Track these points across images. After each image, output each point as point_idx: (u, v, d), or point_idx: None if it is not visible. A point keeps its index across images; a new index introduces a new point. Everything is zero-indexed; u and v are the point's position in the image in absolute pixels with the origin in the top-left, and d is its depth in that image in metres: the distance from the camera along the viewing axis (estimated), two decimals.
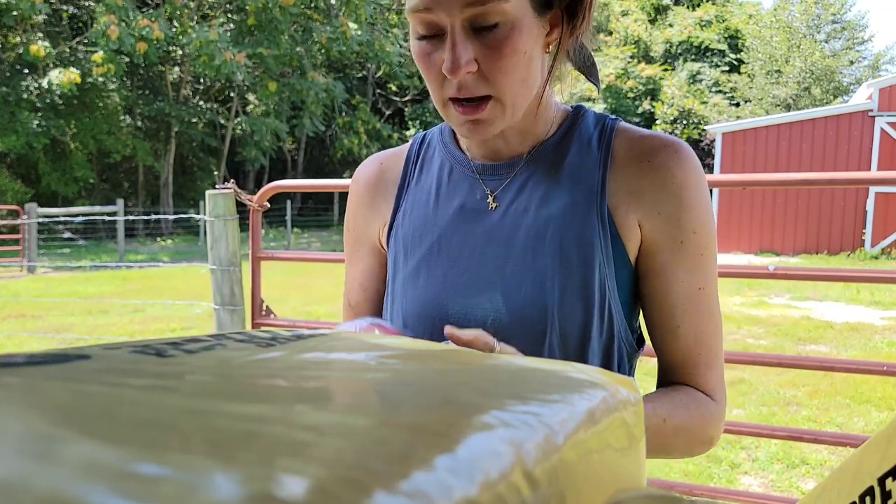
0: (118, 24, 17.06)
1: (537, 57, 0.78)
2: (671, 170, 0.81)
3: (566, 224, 0.81)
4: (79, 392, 0.24)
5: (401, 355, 0.37)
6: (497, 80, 0.75)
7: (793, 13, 27.60)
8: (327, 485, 0.19)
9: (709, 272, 0.83)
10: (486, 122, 0.78)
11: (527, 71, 0.76)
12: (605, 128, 0.86)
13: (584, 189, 0.82)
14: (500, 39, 0.73)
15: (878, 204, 14.27)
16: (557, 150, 0.85)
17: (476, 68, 0.74)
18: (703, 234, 0.82)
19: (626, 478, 0.33)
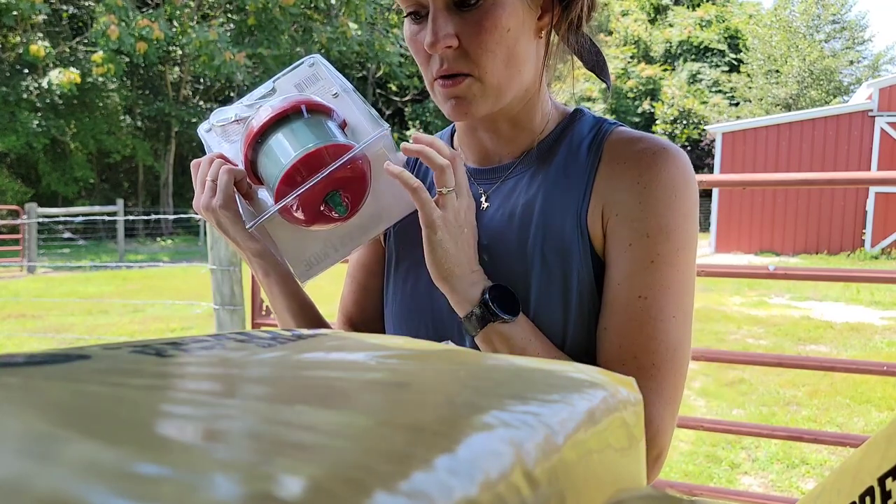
0: (118, 24, 17.06)
1: (525, 39, 0.76)
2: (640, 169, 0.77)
3: (547, 233, 0.80)
4: (79, 392, 0.24)
5: (401, 355, 0.37)
6: (478, 57, 0.74)
7: (793, 13, 27.61)
8: (327, 485, 0.19)
9: (657, 282, 0.75)
10: (467, 101, 0.77)
11: (511, 51, 0.75)
12: (599, 132, 0.83)
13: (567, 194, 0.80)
14: (482, 15, 0.73)
15: (878, 204, 14.28)
16: (548, 153, 0.84)
17: (457, 44, 0.74)
18: (658, 239, 0.76)
19: (626, 478, 0.33)
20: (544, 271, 0.79)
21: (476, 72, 0.75)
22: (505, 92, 0.77)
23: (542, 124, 0.85)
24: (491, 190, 0.85)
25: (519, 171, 0.84)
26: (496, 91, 0.77)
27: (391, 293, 0.91)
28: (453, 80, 0.76)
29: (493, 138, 0.85)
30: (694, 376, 5.10)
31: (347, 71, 26.74)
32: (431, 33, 0.73)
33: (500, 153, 0.86)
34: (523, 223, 0.81)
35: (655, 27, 31.81)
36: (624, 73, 27.25)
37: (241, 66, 18.66)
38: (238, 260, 2.77)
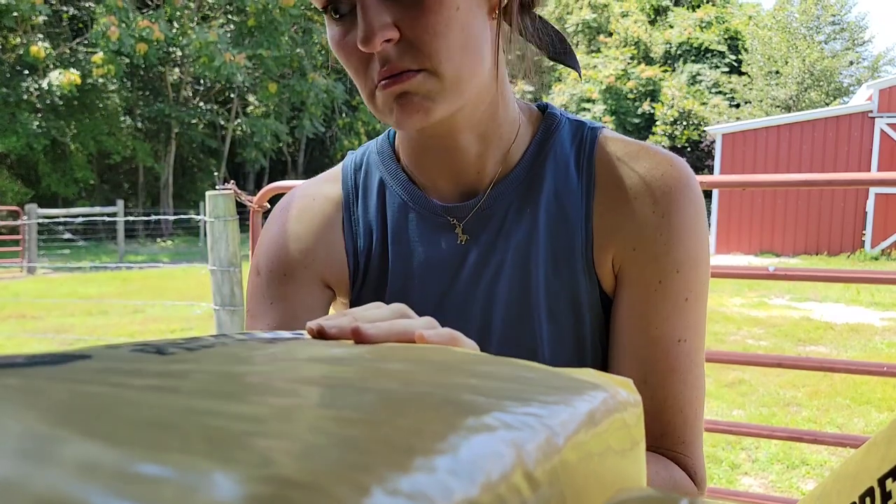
0: (118, 26, 17.08)
1: (478, 21, 0.62)
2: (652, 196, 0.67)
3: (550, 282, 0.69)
4: (79, 392, 0.24)
5: (402, 356, 0.37)
6: (427, 45, 0.59)
7: (793, 14, 27.62)
8: (327, 485, 0.19)
9: (692, 322, 0.67)
10: (422, 101, 0.61)
11: (466, 35, 0.61)
12: (583, 143, 0.71)
13: (565, 234, 0.69)
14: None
15: (878, 205, 14.28)
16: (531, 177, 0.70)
17: (398, 35, 0.59)
18: (689, 273, 0.67)
19: (627, 479, 0.33)
20: (553, 326, 0.69)
21: (429, 64, 0.60)
22: (466, 84, 0.63)
23: (511, 132, 0.71)
24: (465, 220, 0.71)
25: (499, 202, 0.70)
26: (456, 83, 0.62)
27: None
28: (398, 77, 0.60)
29: (457, 158, 0.70)
30: None
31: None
32: (364, 27, 0.58)
33: (468, 177, 0.71)
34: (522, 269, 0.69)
35: (655, 28, 31.82)
36: (624, 75, 27.25)
37: (241, 67, 18.67)
38: (238, 261, 2.77)
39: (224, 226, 2.68)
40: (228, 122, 23.66)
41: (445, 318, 0.68)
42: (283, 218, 0.78)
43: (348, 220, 0.76)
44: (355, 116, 25.32)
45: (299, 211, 0.78)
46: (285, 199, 0.81)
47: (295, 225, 0.77)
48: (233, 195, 2.62)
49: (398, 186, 0.74)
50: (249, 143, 23.26)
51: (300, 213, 0.78)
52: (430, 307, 0.71)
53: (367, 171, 0.77)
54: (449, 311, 0.71)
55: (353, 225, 0.76)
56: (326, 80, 22.06)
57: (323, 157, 28.23)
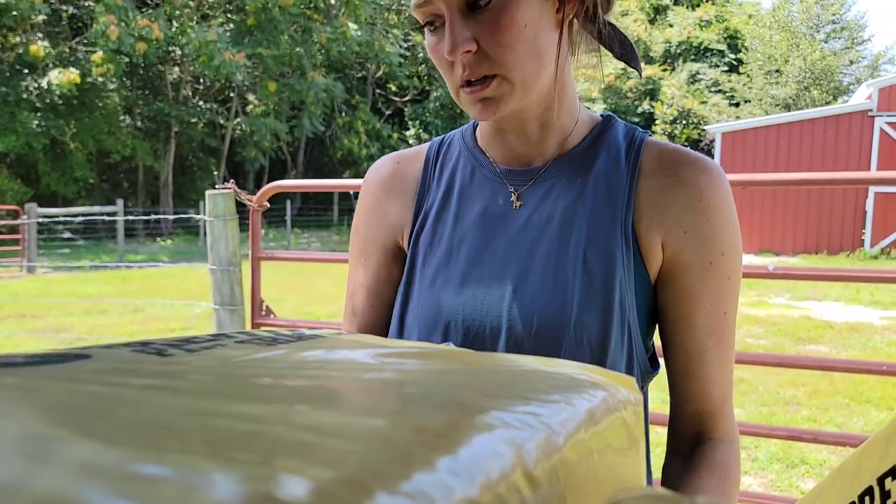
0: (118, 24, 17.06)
1: (545, 32, 0.75)
2: (699, 186, 0.78)
3: (591, 238, 0.79)
4: (78, 392, 0.24)
5: (402, 355, 0.37)
6: (499, 57, 0.73)
7: (792, 13, 27.61)
8: (328, 485, 0.19)
9: (733, 297, 0.81)
10: (496, 100, 0.76)
11: (532, 46, 0.74)
12: (633, 140, 0.83)
13: (610, 202, 0.80)
14: (496, 14, 0.72)
15: (877, 204, 14.28)
16: (586, 158, 0.83)
17: (476, 48, 0.73)
18: (730, 256, 0.79)
19: (627, 478, 0.33)
20: (585, 277, 0.77)
21: (500, 71, 0.74)
22: (532, 86, 0.76)
23: (570, 125, 0.84)
24: (522, 190, 0.83)
25: (553, 174, 0.83)
26: (523, 86, 0.76)
27: (416, 297, 0.86)
28: (479, 85, 0.75)
29: (521, 140, 0.84)
30: None
31: (347, 71, 26.75)
32: (450, 40, 0.73)
33: (529, 155, 0.84)
34: (564, 227, 0.80)
35: (655, 27, 31.80)
36: (623, 74, 27.23)
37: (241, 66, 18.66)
38: (238, 260, 2.77)
39: (224, 225, 2.68)
40: (228, 121, 23.64)
41: (486, 263, 0.81)
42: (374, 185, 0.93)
43: (423, 184, 0.90)
44: (355, 115, 25.31)
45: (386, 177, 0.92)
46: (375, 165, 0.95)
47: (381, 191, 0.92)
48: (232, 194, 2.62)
49: (471, 157, 0.88)
50: (249, 142, 23.24)
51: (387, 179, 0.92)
52: (475, 252, 0.82)
53: (449, 146, 0.92)
54: (492, 256, 0.82)
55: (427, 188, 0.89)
56: (326, 79, 22.05)
57: (322, 156, 28.23)
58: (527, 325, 0.77)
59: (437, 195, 0.88)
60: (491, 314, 0.79)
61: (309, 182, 2.74)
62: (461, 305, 0.81)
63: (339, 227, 24.58)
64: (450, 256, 0.83)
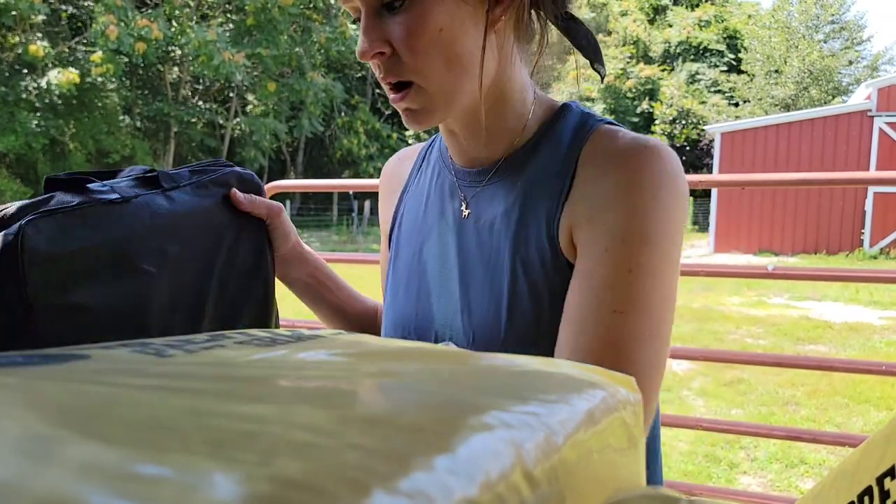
0: (117, 24, 17.06)
1: (468, 37, 0.69)
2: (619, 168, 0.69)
3: (521, 244, 0.74)
4: (78, 392, 0.24)
5: (401, 355, 0.37)
6: (412, 63, 0.68)
7: (792, 13, 27.63)
8: (327, 485, 0.19)
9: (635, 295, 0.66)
10: (419, 111, 0.72)
11: (450, 53, 0.69)
12: (583, 130, 0.75)
13: (544, 202, 0.74)
14: (410, 17, 0.67)
15: (876, 204, 14.29)
16: (531, 155, 0.77)
17: (389, 50, 0.69)
18: (639, 247, 0.67)
19: (626, 478, 0.33)
20: (514, 285, 0.73)
21: (416, 78, 0.70)
22: (454, 94, 0.71)
23: (519, 124, 0.77)
24: (472, 196, 0.80)
25: (500, 176, 0.78)
26: (443, 97, 0.71)
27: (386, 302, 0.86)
28: (399, 94, 0.71)
29: (469, 140, 0.79)
30: (693, 376, 5.10)
31: (347, 71, 26.74)
32: (360, 42, 0.69)
33: (479, 155, 0.80)
34: (500, 234, 0.75)
35: (654, 27, 31.82)
36: (623, 74, 27.25)
37: (240, 66, 18.66)
38: None
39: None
40: (227, 121, 23.64)
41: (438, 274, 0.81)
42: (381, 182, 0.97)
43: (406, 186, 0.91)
44: (354, 115, 25.30)
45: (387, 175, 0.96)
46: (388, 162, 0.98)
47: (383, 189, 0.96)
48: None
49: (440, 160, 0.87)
50: (248, 142, 23.23)
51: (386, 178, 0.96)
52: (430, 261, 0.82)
53: (433, 145, 0.91)
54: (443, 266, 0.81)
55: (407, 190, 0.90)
56: (325, 79, 22.05)
57: (322, 156, 28.22)
58: (467, 337, 0.76)
59: (412, 198, 0.88)
60: (437, 325, 0.79)
61: (308, 182, 2.74)
62: (414, 315, 0.82)
63: (339, 227, 24.57)
64: (410, 263, 0.84)
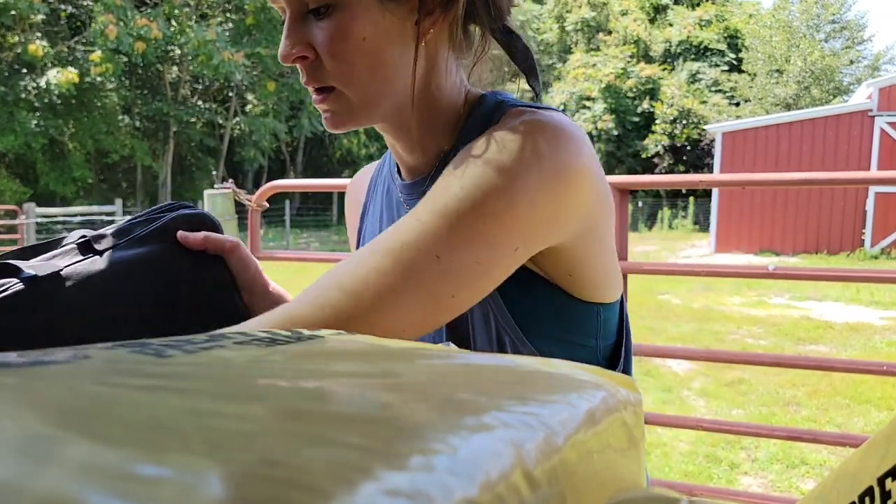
0: (116, 24, 17.08)
1: (394, 46, 0.69)
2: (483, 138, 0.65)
3: None
4: (77, 392, 0.24)
5: (400, 355, 0.37)
6: (333, 70, 0.68)
7: (792, 13, 27.63)
8: (326, 485, 0.19)
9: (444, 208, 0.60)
10: (337, 114, 0.72)
11: (374, 61, 0.68)
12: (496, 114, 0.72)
13: None
14: (333, 24, 0.67)
15: (877, 204, 14.29)
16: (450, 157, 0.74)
17: (312, 55, 0.69)
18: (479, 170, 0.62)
19: (626, 478, 0.33)
20: None
21: (338, 84, 0.70)
22: (374, 103, 0.71)
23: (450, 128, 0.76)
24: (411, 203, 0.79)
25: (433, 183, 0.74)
26: (363, 104, 0.71)
27: None
28: (320, 96, 0.71)
29: (406, 151, 0.78)
30: (693, 376, 5.11)
31: None
32: (282, 45, 0.69)
33: (417, 165, 0.79)
34: None
35: (655, 27, 31.81)
36: (623, 73, 27.25)
37: (240, 65, 18.68)
38: None
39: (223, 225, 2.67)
40: (227, 120, 23.65)
41: None
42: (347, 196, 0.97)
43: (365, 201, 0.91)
44: None
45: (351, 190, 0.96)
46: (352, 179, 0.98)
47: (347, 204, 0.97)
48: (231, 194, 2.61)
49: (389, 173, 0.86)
50: (248, 141, 23.26)
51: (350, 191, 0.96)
52: None
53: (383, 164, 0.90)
54: None
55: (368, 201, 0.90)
56: None
57: (322, 156, 28.24)
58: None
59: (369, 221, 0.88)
60: None
61: (308, 182, 2.75)
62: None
63: (339, 226, 24.59)
64: None
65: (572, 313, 0.73)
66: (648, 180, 2.30)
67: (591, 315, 0.75)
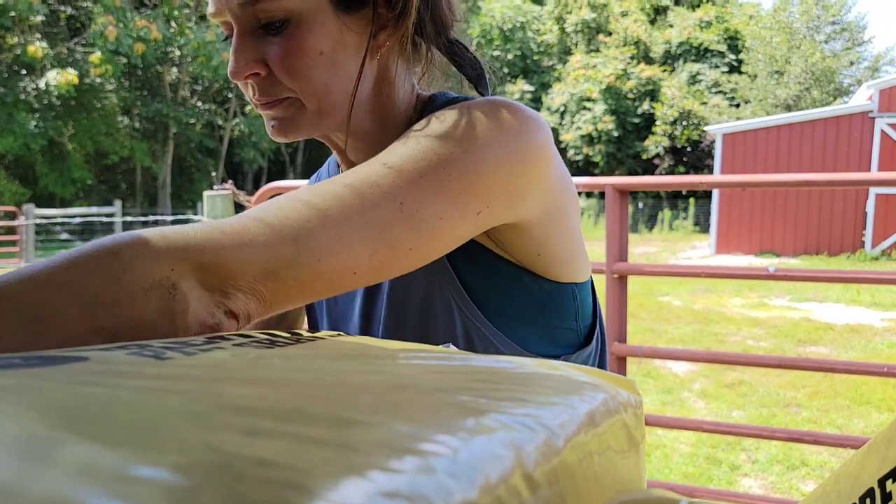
0: (116, 25, 17.09)
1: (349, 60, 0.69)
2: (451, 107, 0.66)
3: None
4: (76, 394, 0.24)
5: (400, 357, 0.37)
6: (290, 83, 0.68)
7: (793, 14, 27.64)
8: (326, 487, 0.19)
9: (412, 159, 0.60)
10: (289, 121, 0.70)
11: (330, 74, 0.68)
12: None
13: None
14: (290, 40, 0.66)
15: (878, 205, 14.29)
16: None
17: (265, 71, 0.68)
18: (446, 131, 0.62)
19: (626, 480, 0.33)
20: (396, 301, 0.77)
21: (293, 95, 0.69)
22: (329, 112, 0.71)
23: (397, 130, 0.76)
24: None
25: None
26: (317, 114, 0.70)
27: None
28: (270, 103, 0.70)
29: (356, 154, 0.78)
30: (694, 378, 5.10)
31: None
32: (232, 62, 0.67)
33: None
34: None
35: (655, 28, 31.83)
36: (623, 74, 27.26)
37: None
38: None
39: None
40: (226, 121, 23.66)
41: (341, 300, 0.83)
42: None
43: None
44: None
45: None
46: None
47: None
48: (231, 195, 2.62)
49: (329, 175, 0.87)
50: (248, 142, 23.26)
51: None
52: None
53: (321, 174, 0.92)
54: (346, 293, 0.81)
55: None
56: None
57: (321, 157, 28.22)
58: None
59: None
60: None
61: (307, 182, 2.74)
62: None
63: None
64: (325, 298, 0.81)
65: (547, 295, 0.73)
66: (649, 181, 2.30)
67: (566, 295, 0.74)
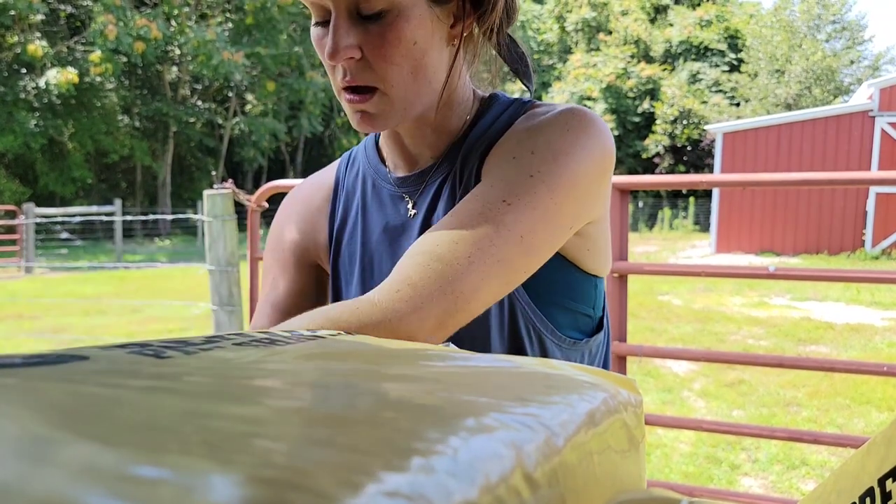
0: (116, 24, 17.08)
1: (435, 50, 0.73)
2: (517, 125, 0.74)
3: None
4: (76, 393, 0.24)
5: (400, 356, 0.37)
6: (382, 70, 0.71)
7: (793, 13, 27.63)
8: (325, 487, 0.19)
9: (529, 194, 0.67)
10: (375, 116, 0.74)
11: (419, 64, 0.72)
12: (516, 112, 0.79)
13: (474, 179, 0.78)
14: (385, 27, 0.69)
15: (878, 204, 14.28)
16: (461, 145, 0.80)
17: (359, 55, 0.71)
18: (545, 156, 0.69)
19: (627, 479, 0.33)
20: None
21: (382, 85, 0.72)
22: (413, 104, 0.75)
23: (461, 120, 0.81)
24: (417, 195, 0.82)
25: (441, 173, 0.81)
26: (403, 104, 0.74)
27: None
28: (360, 97, 0.73)
29: (414, 142, 0.82)
30: (694, 377, 5.10)
31: None
32: (332, 43, 0.70)
33: (422, 155, 0.83)
34: None
35: (655, 27, 31.81)
36: (624, 73, 27.25)
37: (239, 65, 18.67)
38: (236, 260, 2.76)
39: (222, 225, 2.68)
40: (226, 120, 23.65)
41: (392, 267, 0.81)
42: (288, 204, 0.95)
43: (332, 205, 0.91)
44: None
45: (300, 199, 0.94)
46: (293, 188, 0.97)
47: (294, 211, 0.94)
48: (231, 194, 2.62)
49: (371, 169, 0.87)
50: (248, 141, 23.25)
51: (300, 200, 0.94)
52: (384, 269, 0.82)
53: (353, 161, 0.92)
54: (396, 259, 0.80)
55: (336, 208, 0.90)
56: (325, 79, 22.05)
57: (321, 156, 28.23)
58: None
59: (345, 216, 0.88)
60: None
61: None
62: None
63: None
64: (364, 276, 0.84)
65: (580, 285, 0.80)
66: (649, 180, 2.30)
67: (591, 286, 0.81)
